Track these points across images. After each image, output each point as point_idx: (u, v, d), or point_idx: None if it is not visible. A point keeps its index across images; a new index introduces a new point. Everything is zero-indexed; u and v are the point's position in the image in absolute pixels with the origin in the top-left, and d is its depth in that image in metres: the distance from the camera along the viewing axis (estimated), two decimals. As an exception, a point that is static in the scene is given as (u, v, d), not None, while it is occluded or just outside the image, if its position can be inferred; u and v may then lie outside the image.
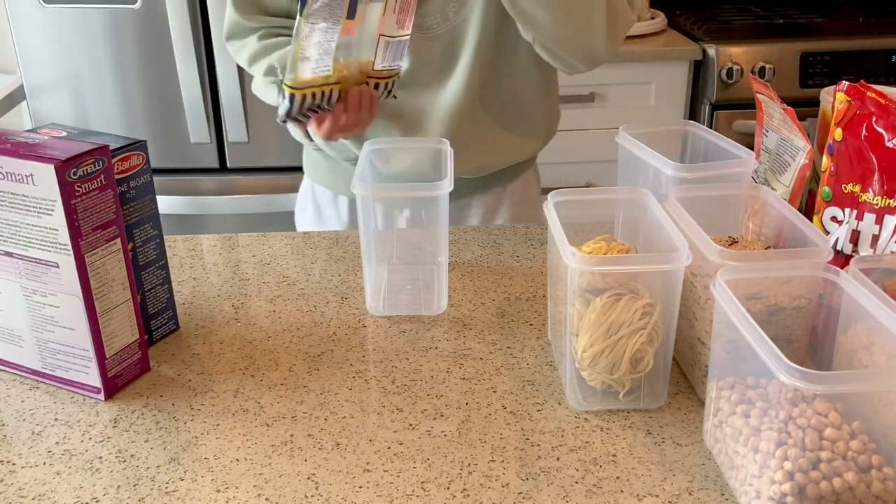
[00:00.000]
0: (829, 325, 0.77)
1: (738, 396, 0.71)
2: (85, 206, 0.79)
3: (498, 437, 0.79)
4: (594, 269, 0.79)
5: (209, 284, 1.08)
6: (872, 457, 0.64)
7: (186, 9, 1.95)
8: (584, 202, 0.91)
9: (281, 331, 0.98)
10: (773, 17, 2.43)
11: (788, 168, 0.94)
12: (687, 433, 0.79)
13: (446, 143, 1.03)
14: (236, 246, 1.19)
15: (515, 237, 1.20)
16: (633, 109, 2.29)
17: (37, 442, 0.80)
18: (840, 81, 0.87)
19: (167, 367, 0.91)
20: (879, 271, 0.74)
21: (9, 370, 0.90)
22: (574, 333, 0.81)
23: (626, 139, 1.01)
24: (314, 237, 1.21)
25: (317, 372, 0.90)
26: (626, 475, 0.74)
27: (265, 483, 0.74)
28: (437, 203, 0.96)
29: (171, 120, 2.09)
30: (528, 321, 0.99)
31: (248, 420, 0.82)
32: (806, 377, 0.60)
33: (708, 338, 0.80)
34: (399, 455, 0.77)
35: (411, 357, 0.92)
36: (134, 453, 0.78)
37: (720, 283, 0.71)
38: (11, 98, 2.12)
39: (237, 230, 2.01)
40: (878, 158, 0.82)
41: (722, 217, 0.90)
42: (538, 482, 0.73)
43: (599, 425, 0.81)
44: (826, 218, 0.87)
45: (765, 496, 0.66)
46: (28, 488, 0.74)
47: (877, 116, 0.83)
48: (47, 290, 0.83)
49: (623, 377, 0.80)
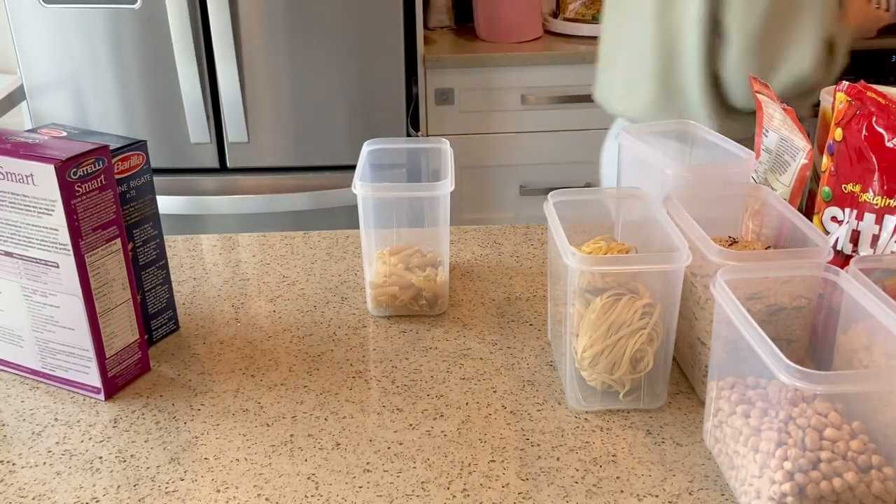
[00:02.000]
0: (829, 325, 0.77)
1: (738, 396, 0.71)
2: (85, 206, 0.79)
3: (498, 437, 0.79)
4: (594, 269, 0.79)
5: (209, 284, 1.08)
6: (872, 457, 0.64)
7: (186, 9, 1.95)
8: (584, 202, 0.91)
9: (281, 331, 0.98)
10: (773, 17, 2.43)
11: (788, 168, 0.94)
12: (687, 433, 0.79)
13: (446, 142, 1.03)
14: (236, 246, 1.19)
15: (515, 237, 1.20)
16: (633, 109, 2.28)
17: (37, 442, 0.80)
18: (840, 81, 0.87)
19: (167, 367, 0.91)
20: (879, 271, 0.73)
21: (9, 370, 0.90)
22: (574, 333, 0.81)
23: (626, 139, 1.01)
24: (314, 237, 1.21)
25: (317, 372, 0.90)
26: (626, 475, 0.74)
27: (265, 483, 0.74)
28: (437, 203, 0.96)
29: (171, 120, 2.09)
30: (528, 321, 0.99)
31: (248, 420, 0.82)
32: (806, 377, 0.60)
33: (708, 338, 0.80)
34: (399, 455, 0.77)
35: (411, 357, 0.92)
36: (134, 453, 0.78)
37: (720, 283, 0.71)
38: (11, 98, 2.12)
39: (237, 230, 2.02)
40: (878, 158, 0.82)
41: (722, 217, 0.90)
42: (538, 482, 0.73)
43: (599, 425, 0.81)
44: (826, 218, 0.87)
45: (765, 496, 0.66)
46: (28, 488, 0.74)
47: (877, 116, 0.82)
48: (47, 290, 0.83)
49: (623, 377, 0.80)
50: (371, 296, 1.00)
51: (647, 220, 0.87)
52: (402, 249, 1.01)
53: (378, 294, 0.99)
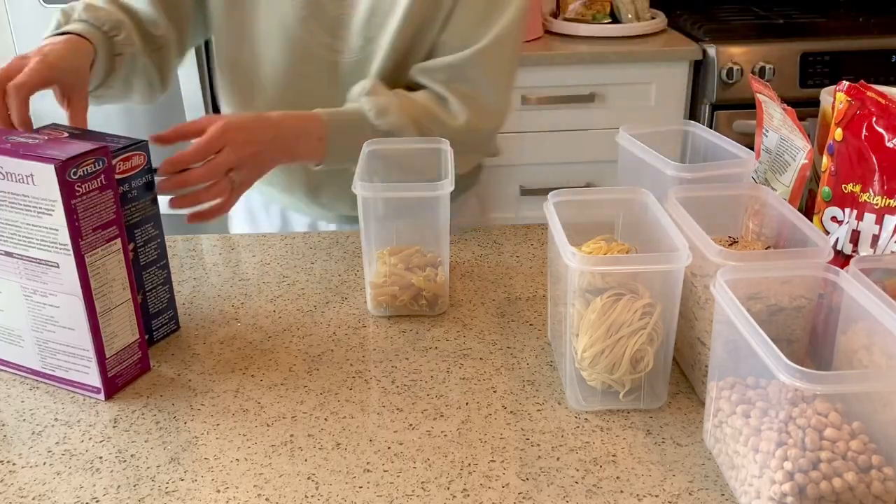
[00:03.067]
0: (829, 325, 0.77)
1: (738, 396, 0.71)
2: (85, 206, 0.79)
3: (498, 437, 0.79)
4: (594, 269, 0.79)
5: (209, 284, 1.08)
6: (872, 457, 0.64)
7: (186, 9, 1.95)
8: (584, 202, 0.91)
9: (281, 331, 0.98)
10: (773, 17, 2.43)
11: (788, 168, 0.94)
12: (687, 433, 0.79)
13: (446, 142, 1.03)
14: (236, 246, 1.19)
15: (515, 237, 1.20)
16: (633, 109, 2.28)
17: (37, 442, 0.80)
18: (840, 81, 0.87)
19: (167, 367, 0.91)
20: (879, 271, 0.73)
21: (9, 370, 0.90)
22: (574, 333, 0.81)
23: (626, 139, 1.01)
24: (314, 237, 1.21)
25: (317, 372, 0.90)
26: (626, 475, 0.74)
27: (265, 483, 0.74)
28: (437, 203, 0.96)
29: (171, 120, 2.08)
30: (528, 321, 0.99)
31: (248, 420, 0.82)
32: (806, 377, 0.60)
33: (708, 338, 0.80)
34: (399, 455, 0.77)
35: (411, 357, 0.92)
36: (134, 453, 0.78)
37: (720, 283, 0.71)
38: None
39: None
40: (878, 158, 0.82)
41: (722, 217, 0.90)
42: (538, 482, 0.73)
43: (599, 425, 0.81)
44: (826, 218, 0.87)
45: (765, 496, 0.66)
46: (28, 488, 0.74)
47: (877, 116, 0.83)
48: (47, 290, 0.83)
49: (623, 377, 0.80)
50: (371, 296, 1.00)
51: (647, 220, 0.87)
52: (402, 249, 1.01)
53: (378, 294, 0.99)
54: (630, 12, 2.39)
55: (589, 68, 2.24)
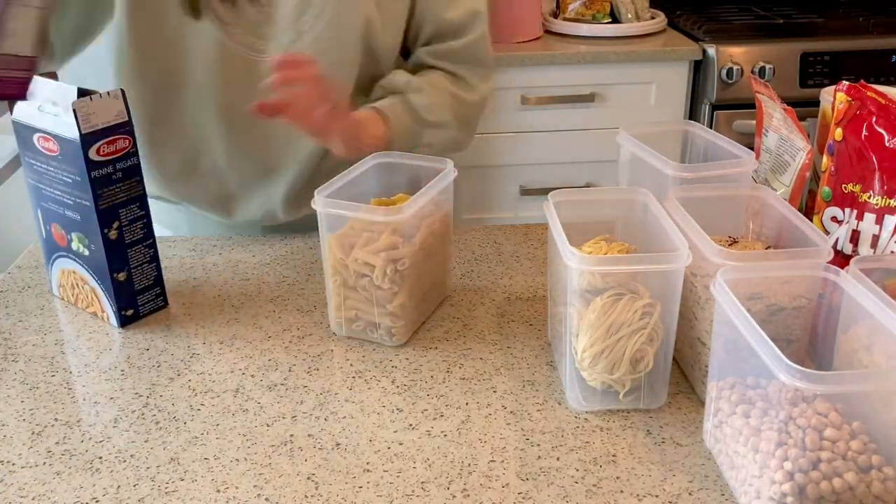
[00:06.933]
0: (829, 325, 0.77)
1: (738, 396, 0.71)
2: None
3: (498, 437, 0.79)
4: (594, 269, 0.79)
5: (209, 284, 1.08)
6: (872, 457, 0.64)
7: (186, 9, 1.95)
8: (584, 202, 0.91)
9: (281, 331, 0.98)
10: (773, 17, 2.43)
11: (788, 168, 0.94)
12: (687, 433, 0.79)
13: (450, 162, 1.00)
14: (236, 246, 1.19)
15: (515, 237, 1.20)
16: (633, 109, 2.28)
17: (37, 442, 0.80)
18: (840, 81, 0.87)
19: (167, 367, 0.91)
20: (879, 271, 0.74)
21: None
22: (574, 333, 0.81)
23: (626, 139, 1.01)
24: (314, 237, 1.21)
25: (317, 372, 0.90)
26: (626, 475, 0.74)
27: (265, 483, 0.74)
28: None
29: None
30: (528, 321, 0.99)
31: (248, 420, 0.82)
32: (806, 377, 0.60)
33: (708, 338, 0.80)
34: (399, 455, 0.77)
35: (411, 357, 0.92)
36: (134, 453, 0.78)
37: (720, 283, 0.71)
38: (11, 98, 2.12)
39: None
40: (878, 158, 0.82)
41: (722, 217, 0.90)
42: (538, 482, 0.73)
43: (599, 425, 0.81)
44: (826, 218, 0.87)
45: (765, 496, 0.66)
46: (28, 488, 0.74)
47: (877, 116, 0.83)
48: None
49: (623, 377, 0.80)
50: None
51: (647, 220, 0.87)
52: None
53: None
54: (630, 12, 2.39)
55: (589, 68, 2.24)
